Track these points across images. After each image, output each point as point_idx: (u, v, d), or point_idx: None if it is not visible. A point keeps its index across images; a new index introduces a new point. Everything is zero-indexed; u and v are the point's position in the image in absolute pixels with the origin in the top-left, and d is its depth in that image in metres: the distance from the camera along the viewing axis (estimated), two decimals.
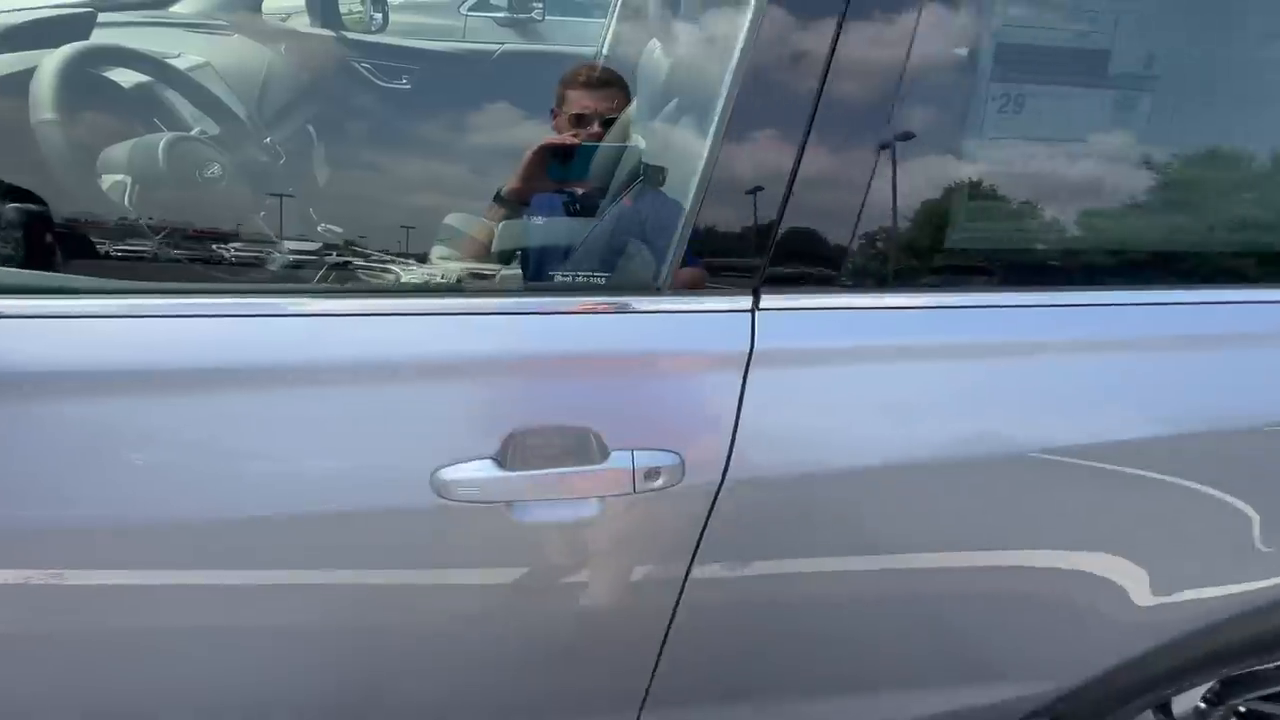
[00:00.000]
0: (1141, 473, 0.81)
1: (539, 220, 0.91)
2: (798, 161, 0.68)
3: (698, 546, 0.77)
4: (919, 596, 0.88)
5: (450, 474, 0.68)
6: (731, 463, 0.72)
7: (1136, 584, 0.90)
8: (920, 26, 0.67)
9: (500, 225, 0.92)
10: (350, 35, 1.99)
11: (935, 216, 0.74)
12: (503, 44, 2.18)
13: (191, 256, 0.82)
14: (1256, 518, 0.87)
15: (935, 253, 0.76)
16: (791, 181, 0.69)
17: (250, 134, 1.31)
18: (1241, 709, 1.30)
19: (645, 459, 0.70)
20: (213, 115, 1.22)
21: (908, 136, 0.70)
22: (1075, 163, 0.76)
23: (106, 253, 0.81)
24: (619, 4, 1.83)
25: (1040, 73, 0.72)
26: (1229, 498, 0.85)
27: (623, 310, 0.72)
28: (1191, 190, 0.78)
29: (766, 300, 0.72)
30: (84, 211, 0.89)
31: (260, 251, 0.85)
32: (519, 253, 0.89)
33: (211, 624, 0.75)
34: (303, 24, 1.96)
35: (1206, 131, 0.77)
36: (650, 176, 0.82)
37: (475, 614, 0.79)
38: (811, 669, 0.95)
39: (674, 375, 0.72)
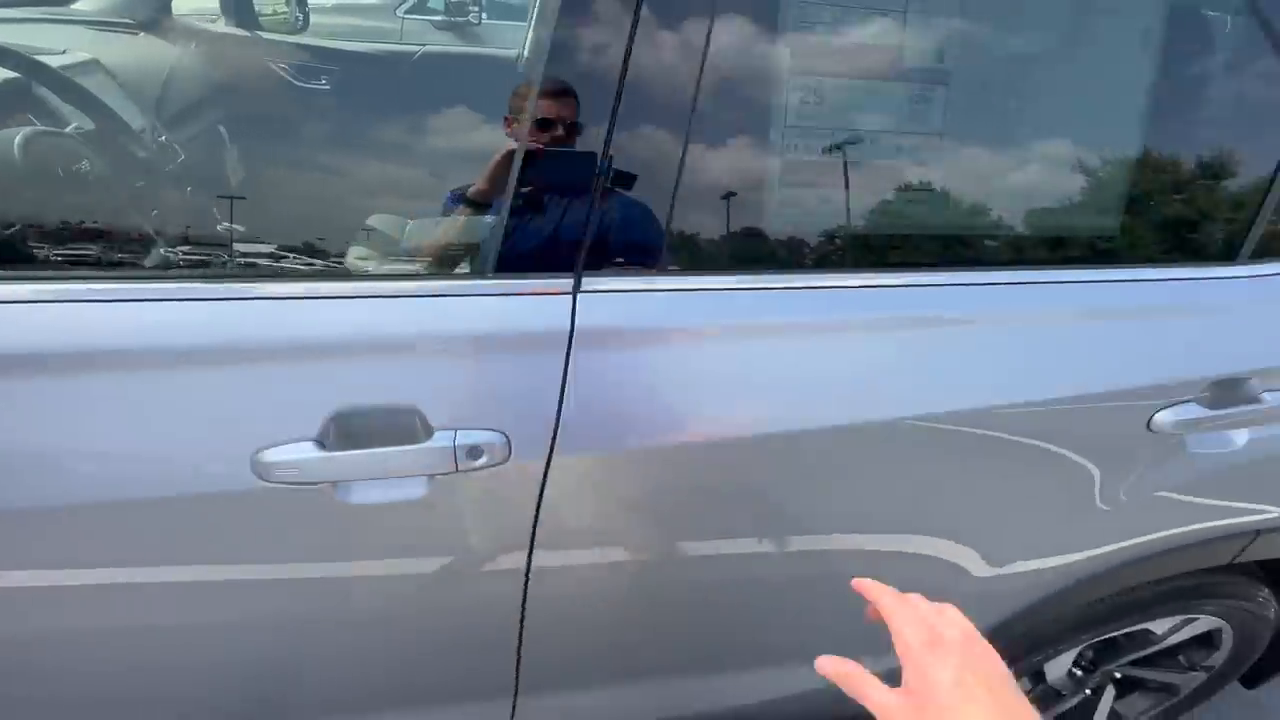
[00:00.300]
0: (970, 445, 0.85)
1: (488, 218, 0.93)
2: (605, 148, 0.71)
3: (535, 527, 0.78)
4: (760, 574, 0.90)
5: (270, 455, 0.69)
6: (558, 442, 0.74)
7: (977, 557, 0.94)
8: (718, 21, 0.70)
9: (411, 224, 0.94)
10: (265, 35, 1.97)
11: (747, 203, 0.78)
12: (424, 46, 2.18)
13: (25, 246, 0.81)
14: (1094, 488, 0.92)
15: (749, 237, 0.79)
16: (604, 169, 0.71)
17: (135, 132, 1.30)
18: (1118, 675, 1.35)
19: (468, 438, 0.72)
20: (91, 113, 1.21)
21: (715, 127, 0.73)
22: (875, 153, 0.80)
23: None
24: (536, 9, 1.85)
25: (839, 67, 0.75)
26: (1065, 468, 0.90)
27: (446, 293, 0.73)
28: (966, 180, 0.82)
29: (587, 283, 0.74)
30: None
31: (119, 242, 0.85)
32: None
33: (38, 625, 0.74)
34: (221, 24, 1.95)
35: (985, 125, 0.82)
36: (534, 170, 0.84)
37: (314, 601, 0.79)
38: (669, 650, 0.97)
39: (498, 356, 0.74)
